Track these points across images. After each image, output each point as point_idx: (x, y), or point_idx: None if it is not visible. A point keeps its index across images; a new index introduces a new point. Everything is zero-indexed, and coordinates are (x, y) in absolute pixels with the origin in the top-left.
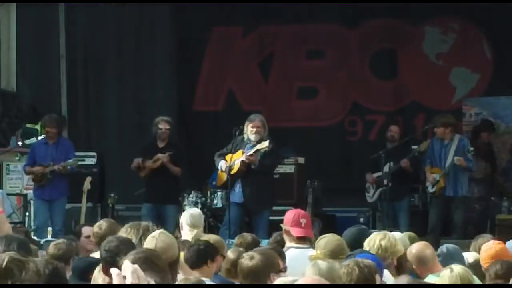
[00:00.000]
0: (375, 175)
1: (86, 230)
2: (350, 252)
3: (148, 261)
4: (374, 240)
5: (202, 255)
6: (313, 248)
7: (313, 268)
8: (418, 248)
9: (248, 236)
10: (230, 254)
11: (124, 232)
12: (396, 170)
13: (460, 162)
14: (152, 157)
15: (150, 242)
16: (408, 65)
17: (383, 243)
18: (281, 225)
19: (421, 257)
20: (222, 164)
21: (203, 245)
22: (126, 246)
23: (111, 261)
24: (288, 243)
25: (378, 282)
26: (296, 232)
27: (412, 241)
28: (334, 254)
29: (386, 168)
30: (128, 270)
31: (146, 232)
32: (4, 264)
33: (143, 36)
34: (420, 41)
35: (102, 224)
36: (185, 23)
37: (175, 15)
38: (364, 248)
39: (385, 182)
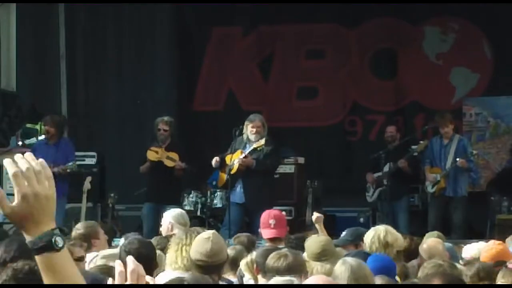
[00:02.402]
0: (376, 175)
1: None
2: (347, 252)
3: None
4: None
5: None
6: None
7: (344, 265)
8: (431, 243)
9: (243, 237)
10: (229, 251)
11: (183, 237)
12: (394, 170)
13: (463, 164)
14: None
15: (203, 244)
16: (408, 65)
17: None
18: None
19: (433, 253)
20: (214, 161)
21: None
22: (146, 249)
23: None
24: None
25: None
26: (265, 234)
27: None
28: (317, 256)
29: (386, 168)
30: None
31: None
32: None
33: (143, 36)
34: (420, 41)
35: (78, 228)
36: (185, 23)
37: (175, 15)
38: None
39: (384, 182)
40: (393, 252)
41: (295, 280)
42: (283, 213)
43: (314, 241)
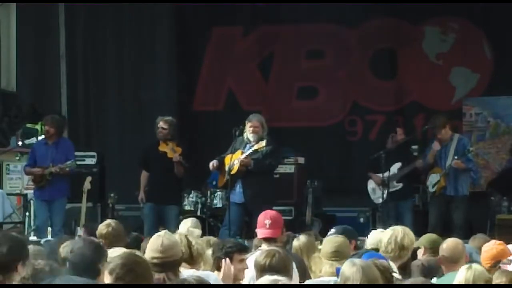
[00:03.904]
0: (379, 175)
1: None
2: (354, 252)
3: (126, 267)
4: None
5: None
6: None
7: (355, 266)
8: (451, 244)
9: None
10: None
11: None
12: (409, 171)
13: (458, 165)
14: (153, 157)
15: (155, 240)
16: (408, 65)
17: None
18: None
19: (452, 254)
20: (211, 164)
21: None
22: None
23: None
24: (263, 245)
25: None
26: (260, 233)
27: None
28: (329, 255)
29: (394, 169)
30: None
31: None
32: None
33: (143, 36)
34: (420, 41)
35: (110, 224)
36: (185, 23)
37: (175, 15)
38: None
39: (394, 182)
40: (408, 255)
41: (283, 280)
42: (280, 214)
43: (330, 241)
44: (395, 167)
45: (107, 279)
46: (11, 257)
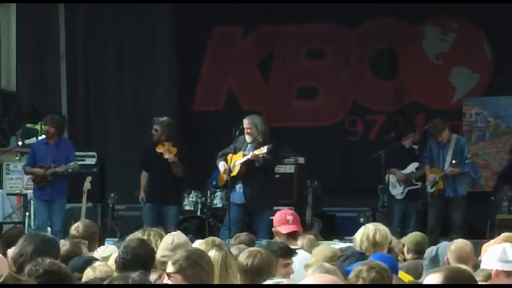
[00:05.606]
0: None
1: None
2: (342, 253)
3: (191, 260)
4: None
5: None
6: (302, 248)
7: (320, 269)
8: (458, 245)
9: (244, 236)
10: (233, 251)
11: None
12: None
13: (453, 172)
14: (152, 157)
15: (167, 239)
16: (408, 65)
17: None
18: (273, 229)
19: (460, 255)
20: (221, 166)
21: None
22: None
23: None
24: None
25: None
26: (284, 229)
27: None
28: (328, 260)
29: (412, 168)
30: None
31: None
32: None
33: (143, 36)
34: (420, 41)
35: (78, 227)
36: (185, 23)
37: (175, 15)
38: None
39: (413, 181)
40: (384, 251)
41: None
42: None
43: (327, 247)
44: (413, 166)
45: (169, 268)
46: (36, 256)
